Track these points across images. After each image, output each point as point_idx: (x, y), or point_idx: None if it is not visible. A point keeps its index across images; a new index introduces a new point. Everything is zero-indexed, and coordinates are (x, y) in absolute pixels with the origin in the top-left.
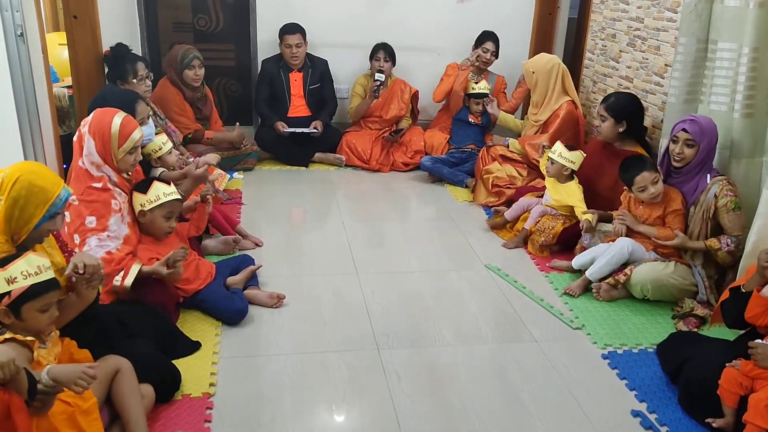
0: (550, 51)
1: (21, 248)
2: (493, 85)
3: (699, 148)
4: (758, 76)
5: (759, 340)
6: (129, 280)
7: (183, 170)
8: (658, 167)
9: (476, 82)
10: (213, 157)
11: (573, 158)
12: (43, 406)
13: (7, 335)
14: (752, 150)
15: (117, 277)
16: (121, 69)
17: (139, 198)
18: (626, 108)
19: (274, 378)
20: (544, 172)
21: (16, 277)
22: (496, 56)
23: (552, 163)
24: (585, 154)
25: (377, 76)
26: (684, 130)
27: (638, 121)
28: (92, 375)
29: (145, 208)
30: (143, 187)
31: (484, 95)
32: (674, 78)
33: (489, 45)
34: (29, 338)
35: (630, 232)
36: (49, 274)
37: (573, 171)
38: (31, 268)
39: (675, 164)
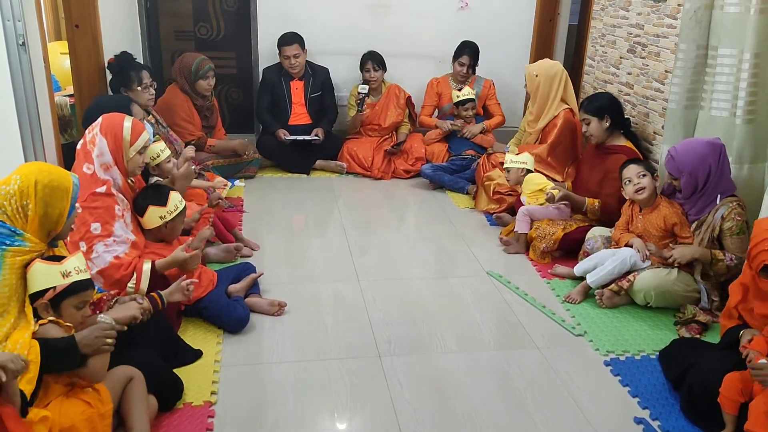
0: (551, 57)
1: (53, 244)
2: (479, 90)
3: (681, 181)
4: (759, 81)
5: (763, 360)
6: (144, 284)
7: (173, 175)
8: (656, 172)
9: (459, 89)
10: (190, 149)
11: (523, 159)
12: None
13: (51, 318)
14: (754, 156)
15: (130, 283)
16: (125, 77)
17: (158, 211)
18: (603, 104)
19: (275, 386)
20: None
21: (70, 272)
22: (473, 70)
23: (508, 172)
24: (531, 154)
25: (360, 88)
26: (665, 165)
27: (619, 114)
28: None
29: (166, 219)
30: (157, 199)
31: (469, 100)
32: (674, 84)
33: (464, 59)
34: (68, 324)
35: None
36: (88, 274)
37: (528, 170)
38: (81, 264)
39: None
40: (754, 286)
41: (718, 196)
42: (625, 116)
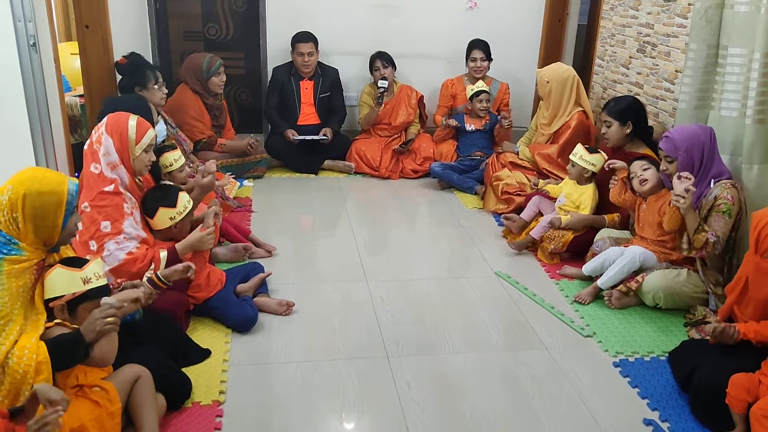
0: (560, 57)
1: (53, 250)
2: (495, 92)
3: (678, 162)
4: None
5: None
6: (162, 264)
7: (191, 181)
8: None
9: (472, 84)
10: (212, 163)
11: (594, 161)
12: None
13: (57, 321)
14: (764, 156)
15: (148, 273)
16: (140, 75)
17: (168, 212)
18: (628, 108)
19: (283, 385)
20: (557, 206)
21: (90, 278)
22: (489, 60)
23: (573, 165)
24: (606, 157)
25: (380, 83)
26: (660, 148)
27: (642, 120)
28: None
29: (176, 220)
30: (166, 201)
31: (483, 91)
32: (685, 84)
33: (476, 53)
34: (75, 326)
35: (643, 242)
36: (105, 280)
37: (593, 173)
38: (100, 270)
39: (669, 179)
40: (756, 271)
41: (712, 180)
42: (649, 125)
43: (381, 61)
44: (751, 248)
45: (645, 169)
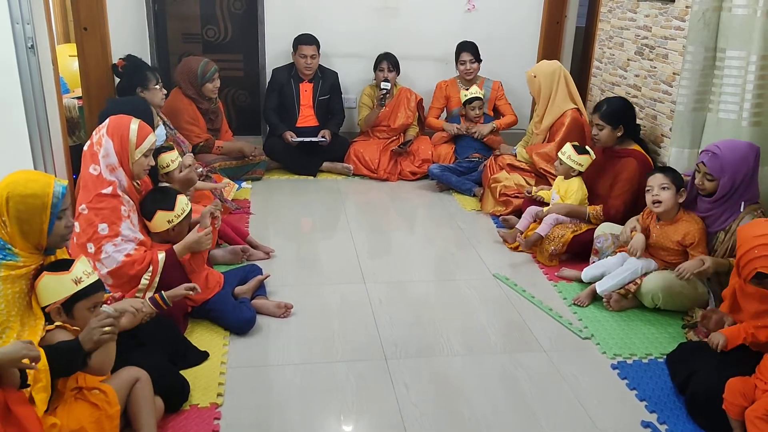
0: (558, 59)
1: (48, 253)
2: (488, 92)
3: (720, 183)
4: (766, 84)
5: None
6: (160, 266)
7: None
8: (684, 187)
9: (466, 89)
10: (188, 157)
11: (582, 161)
12: (111, 336)
13: (58, 324)
14: (762, 158)
15: (145, 276)
16: (142, 76)
17: (166, 215)
18: (620, 112)
19: (282, 388)
20: (549, 198)
21: (81, 277)
22: (479, 61)
23: (561, 163)
24: (594, 157)
25: (383, 84)
26: (703, 162)
27: (632, 122)
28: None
29: (174, 223)
30: (165, 203)
31: (476, 98)
32: (682, 86)
33: (465, 56)
34: (76, 328)
35: (645, 252)
36: (96, 276)
37: (580, 172)
38: (88, 268)
39: (700, 193)
40: (740, 290)
41: (743, 203)
42: (637, 122)
43: (387, 63)
44: (735, 269)
45: (663, 188)
